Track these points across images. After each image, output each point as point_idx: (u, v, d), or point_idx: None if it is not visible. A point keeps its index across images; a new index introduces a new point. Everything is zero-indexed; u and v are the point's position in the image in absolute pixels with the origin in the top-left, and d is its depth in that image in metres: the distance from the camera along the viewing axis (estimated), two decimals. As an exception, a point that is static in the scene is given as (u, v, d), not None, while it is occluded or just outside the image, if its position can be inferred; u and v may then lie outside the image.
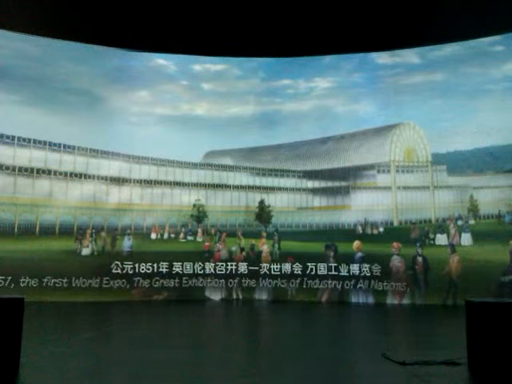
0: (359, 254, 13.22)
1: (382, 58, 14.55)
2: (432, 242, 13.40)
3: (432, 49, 13.94)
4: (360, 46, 13.83)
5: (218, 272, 13.51)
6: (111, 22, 12.91)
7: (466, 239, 13.00)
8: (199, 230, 14.43)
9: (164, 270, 13.35)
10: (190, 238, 14.41)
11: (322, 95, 15.09)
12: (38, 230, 13.21)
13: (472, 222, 13.28)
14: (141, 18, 12.91)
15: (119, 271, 13.18)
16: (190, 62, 15.13)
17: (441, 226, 13.52)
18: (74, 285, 12.76)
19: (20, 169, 13.32)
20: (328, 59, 14.99)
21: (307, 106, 15.16)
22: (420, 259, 12.76)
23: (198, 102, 15.23)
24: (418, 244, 13.07)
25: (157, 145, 14.36)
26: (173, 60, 15.04)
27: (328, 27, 13.00)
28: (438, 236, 13.38)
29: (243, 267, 13.61)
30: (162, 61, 15.07)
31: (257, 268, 13.63)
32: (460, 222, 13.34)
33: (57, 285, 12.65)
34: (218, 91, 15.32)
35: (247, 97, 15.30)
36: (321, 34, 13.24)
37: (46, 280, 12.60)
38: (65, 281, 12.72)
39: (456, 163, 13.94)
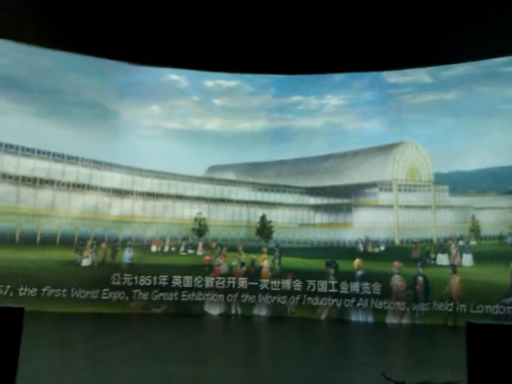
0: (360, 272, 13.16)
1: (392, 76, 14.62)
2: (433, 261, 13.35)
3: (444, 68, 13.98)
4: (371, 64, 13.90)
5: (217, 286, 13.45)
6: (124, 37, 13.03)
7: (468, 260, 12.95)
8: (200, 244, 14.41)
9: (163, 283, 13.30)
10: (190, 251, 14.38)
11: (333, 112, 15.18)
12: (38, 239, 13.20)
13: (473, 242, 13.25)
14: (154, 33, 13.03)
15: (118, 283, 13.13)
16: (203, 78, 15.24)
17: (442, 246, 13.48)
18: (72, 296, 12.70)
19: (23, 178, 13.35)
20: (339, 77, 15.09)
21: (317, 122, 15.24)
22: (421, 279, 12.69)
23: (208, 117, 15.33)
24: (418, 263, 13.02)
25: (165, 159, 14.41)
26: (185, 75, 15.17)
27: (340, 46, 13.10)
28: (439, 256, 13.33)
29: (243, 282, 13.54)
30: (175, 76, 15.19)
31: (256, 283, 13.56)
32: (461, 243, 13.31)
33: (55, 295, 12.60)
34: (229, 107, 15.41)
35: (258, 113, 15.39)
36: (333, 52, 13.35)
37: (45, 290, 12.55)
38: (64, 291, 12.67)
39: (458, 183, 13.94)
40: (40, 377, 5.62)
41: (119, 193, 14.29)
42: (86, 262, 13.45)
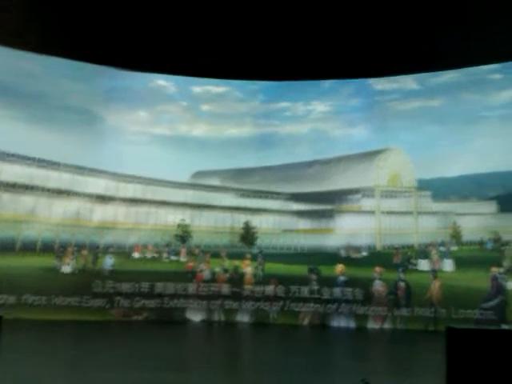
0: (342, 278, 13.18)
1: (379, 83, 14.75)
2: (414, 267, 13.42)
3: (430, 75, 14.12)
4: (359, 71, 14.00)
5: (200, 293, 13.38)
6: (112, 42, 13.00)
7: (448, 265, 13.07)
8: (183, 250, 14.33)
9: (145, 290, 13.19)
10: (173, 257, 14.30)
11: (319, 119, 15.27)
12: (19, 246, 13.01)
13: (454, 248, 13.37)
14: (142, 39, 13.01)
15: (100, 290, 13.00)
16: (191, 84, 15.23)
17: (423, 252, 13.59)
18: (53, 303, 12.54)
19: (4, 184, 13.17)
20: (327, 84, 15.18)
21: (304, 129, 15.33)
22: (402, 284, 12.76)
23: (195, 123, 15.31)
24: (400, 269, 13.09)
25: (151, 165, 14.32)
26: (173, 81, 15.15)
27: (329, 52, 13.20)
28: (421, 261, 13.43)
29: (226, 289, 13.49)
30: (162, 81, 15.16)
31: (240, 290, 13.52)
32: (442, 248, 13.42)
33: (35, 302, 12.43)
34: (216, 113, 15.42)
35: (245, 119, 15.42)
36: (321, 58, 13.44)
37: (24, 297, 12.37)
38: (44, 298, 12.51)
39: (440, 189, 14.07)
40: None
41: (102, 198, 14.17)
42: (66, 269, 13.30)
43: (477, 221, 13.47)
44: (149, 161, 14.37)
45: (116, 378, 6.16)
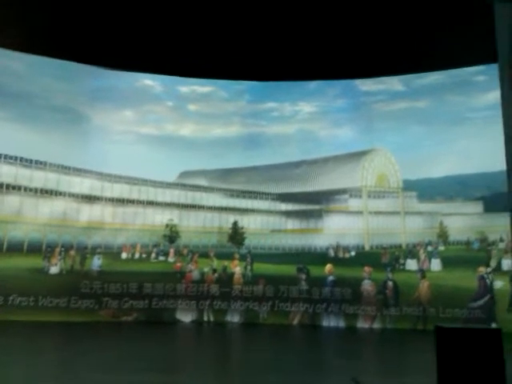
0: (331, 278, 13.25)
1: (365, 84, 14.87)
2: (402, 266, 13.55)
3: (416, 77, 14.26)
4: (345, 72, 14.08)
5: (189, 293, 13.35)
6: (98, 41, 12.91)
7: (436, 265, 13.19)
8: (171, 251, 14.29)
9: (134, 291, 13.13)
10: (161, 258, 14.25)
11: (306, 119, 15.39)
12: (5, 246, 12.86)
13: (441, 247, 13.50)
14: (129, 38, 12.95)
15: (88, 291, 12.91)
16: (177, 84, 15.19)
17: (411, 252, 13.70)
18: (40, 304, 12.42)
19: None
20: (313, 84, 15.29)
21: (291, 129, 15.40)
22: (390, 284, 12.86)
23: (182, 123, 15.29)
24: (388, 269, 13.20)
25: (138, 164, 14.26)
26: (159, 80, 15.11)
27: (315, 53, 13.26)
28: (409, 261, 13.53)
29: (215, 289, 13.49)
30: (149, 81, 15.11)
31: (229, 290, 13.52)
32: (430, 248, 13.54)
33: (23, 303, 12.31)
34: (203, 112, 15.42)
35: (232, 119, 15.43)
36: (308, 59, 13.50)
37: (11, 298, 12.24)
38: (31, 300, 12.38)
39: (426, 190, 14.20)
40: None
41: (88, 199, 14.07)
42: (54, 270, 13.19)
43: (463, 221, 13.62)
44: (135, 160, 14.32)
45: (107, 379, 6.13)
